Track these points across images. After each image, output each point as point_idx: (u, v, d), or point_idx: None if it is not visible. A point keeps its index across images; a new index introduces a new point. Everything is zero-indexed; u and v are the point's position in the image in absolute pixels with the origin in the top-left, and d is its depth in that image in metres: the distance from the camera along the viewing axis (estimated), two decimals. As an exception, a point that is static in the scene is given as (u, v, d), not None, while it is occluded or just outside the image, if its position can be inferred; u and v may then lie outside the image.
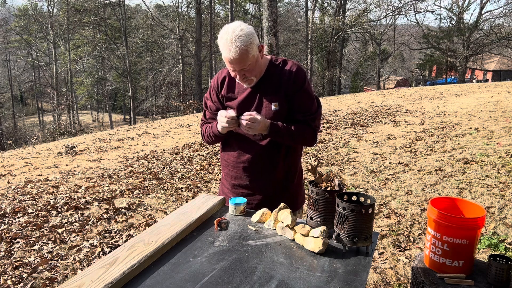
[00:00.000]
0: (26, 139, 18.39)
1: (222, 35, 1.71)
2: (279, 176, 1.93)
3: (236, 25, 1.71)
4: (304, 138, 1.89)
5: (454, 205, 1.65)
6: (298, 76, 1.84)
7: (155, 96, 32.30)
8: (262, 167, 1.92)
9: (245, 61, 1.71)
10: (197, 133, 9.30)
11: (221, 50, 1.73)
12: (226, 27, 1.73)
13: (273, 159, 1.91)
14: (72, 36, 31.96)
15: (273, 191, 1.94)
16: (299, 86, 1.84)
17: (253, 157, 1.91)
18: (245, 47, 1.68)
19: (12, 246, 3.48)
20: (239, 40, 1.67)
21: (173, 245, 1.52)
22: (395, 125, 8.40)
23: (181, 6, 31.26)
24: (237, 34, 1.67)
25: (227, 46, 1.68)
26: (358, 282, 1.28)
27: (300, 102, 1.86)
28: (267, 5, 10.35)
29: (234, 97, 1.91)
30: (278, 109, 1.84)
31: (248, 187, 1.96)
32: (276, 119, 1.84)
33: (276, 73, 1.86)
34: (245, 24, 1.73)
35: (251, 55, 1.72)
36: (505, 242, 3.15)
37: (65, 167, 6.57)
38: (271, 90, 1.85)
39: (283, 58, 1.90)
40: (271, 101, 1.84)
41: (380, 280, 2.76)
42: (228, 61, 1.73)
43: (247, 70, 1.76)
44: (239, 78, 1.80)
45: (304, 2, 32.32)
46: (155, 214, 4.21)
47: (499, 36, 30.22)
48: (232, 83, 1.92)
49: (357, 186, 4.75)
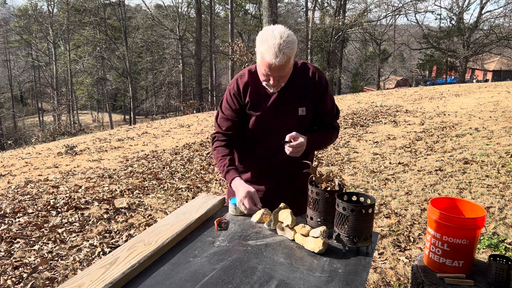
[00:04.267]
0: (26, 139, 18.39)
1: (267, 39, 1.61)
2: (296, 185, 1.93)
3: (282, 30, 1.63)
4: (331, 139, 1.93)
5: (454, 205, 1.65)
6: (321, 80, 1.84)
7: (155, 96, 32.28)
8: (278, 179, 1.92)
9: (286, 68, 1.66)
10: (197, 133, 9.30)
11: (262, 53, 1.63)
12: (271, 30, 1.63)
13: (290, 171, 1.90)
14: (72, 36, 31.96)
15: (288, 199, 1.86)
16: (324, 91, 1.84)
17: (271, 170, 1.90)
18: (291, 54, 1.62)
19: (12, 246, 3.48)
20: (287, 47, 1.60)
21: (173, 245, 1.52)
22: (395, 125, 8.40)
23: (181, 6, 31.26)
24: (285, 40, 1.60)
25: (273, 51, 1.59)
26: (358, 282, 1.28)
27: (326, 106, 1.87)
28: (267, 5, 10.35)
29: (259, 104, 1.84)
30: (305, 114, 1.83)
31: (265, 195, 1.92)
32: (303, 123, 1.84)
33: (299, 77, 1.82)
34: (288, 30, 1.66)
35: (291, 62, 1.69)
36: (505, 242, 3.15)
37: (65, 167, 6.57)
38: (296, 95, 1.82)
39: (302, 61, 1.86)
40: (298, 106, 1.82)
41: (380, 280, 2.76)
42: (267, 66, 1.64)
43: (282, 76, 1.70)
44: (272, 84, 1.72)
45: (304, 2, 32.31)
46: (155, 214, 4.21)
47: (499, 36, 30.20)
48: (256, 90, 1.84)
49: (357, 186, 4.75)
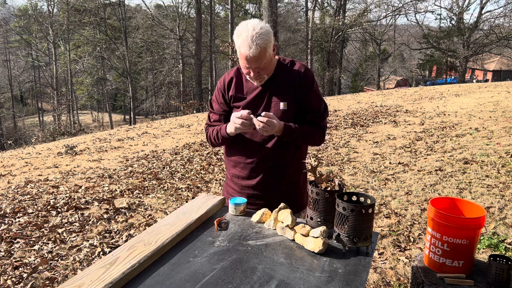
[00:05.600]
0: (26, 139, 18.39)
1: (241, 32, 1.70)
2: (287, 177, 1.94)
3: (255, 23, 1.71)
4: (314, 138, 1.91)
5: (454, 205, 1.65)
6: (307, 77, 1.86)
7: (155, 96, 32.29)
8: (271, 168, 1.92)
9: (263, 59, 1.72)
10: (197, 133, 9.30)
11: (238, 47, 1.71)
12: (245, 24, 1.72)
13: (281, 159, 1.91)
14: (72, 36, 31.97)
15: (281, 191, 1.94)
16: (309, 87, 1.86)
17: (261, 158, 1.91)
18: (265, 45, 1.69)
19: (12, 246, 3.48)
20: (259, 38, 1.67)
21: (173, 245, 1.52)
22: (395, 125, 8.40)
23: (181, 6, 31.29)
24: (258, 32, 1.67)
25: (247, 43, 1.67)
26: (358, 282, 1.28)
27: (310, 103, 1.88)
28: (267, 5, 10.35)
29: (243, 97, 1.90)
30: (286, 108, 1.85)
31: (256, 187, 1.95)
32: (284, 118, 1.84)
33: (284, 73, 1.86)
34: (263, 22, 1.73)
35: (268, 53, 1.73)
36: (505, 242, 3.15)
37: (65, 167, 6.57)
38: (280, 90, 1.86)
39: (291, 59, 1.91)
40: (280, 100, 1.85)
41: (380, 280, 2.76)
42: (245, 58, 1.71)
43: (262, 68, 1.77)
44: (253, 76, 1.79)
45: (304, 2, 32.32)
46: (155, 214, 4.21)
47: (499, 36, 30.21)
48: (240, 83, 1.91)
49: (357, 186, 4.75)
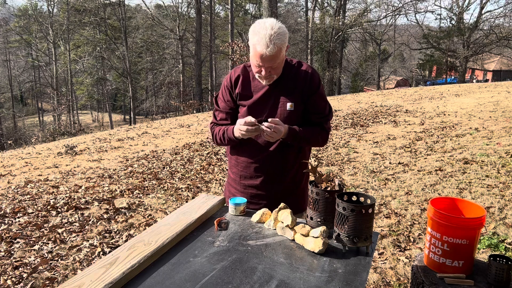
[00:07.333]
0: (26, 139, 18.37)
1: (259, 30, 1.70)
2: (290, 176, 1.94)
3: (273, 22, 1.71)
4: (317, 140, 1.92)
5: (454, 205, 1.65)
6: (314, 79, 1.87)
7: (155, 96, 32.29)
8: (274, 167, 1.92)
9: (277, 59, 1.73)
10: (197, 133, 9.29)
11: (253, 44, 1.71)
12: (263, 23, 1.72)
13: (285, 159, 1.91)
14: (72, 36, 31.94)
15: (283, 191, 1.94)
16: (315, 89, 1.87)
17: (265, 157, 1.90)
18: (281, 45, 1.70)
19: (12, 246, 3.48)
20: (277, 38, 1.67)
21: (173, 245, 1.52)
22: (395, 125, 8.40)
23: (181, 6, 31.29)
24: (276, 32, 1.68)
25: (265, 41, 1.67)
26: (358, 282, 1.28)
27: (315, 104, 1.89)
28: (267, 5, 10.36)
29: (249, 95, 1.90)
30: (293, 109, 1.85)
31: (260, 187, 1.95)
32: (291, 118, 1.85)
33: (292, 73, 1.87)
34: (280, 23, 1.74)
35: (282, 53, 1.74)
36: (505, 242, 3.15)
37: (65, 167, 6.57)
38: (287, 90, 1.86)
39: (298, 60, 1.92)
40: (288, 101, 1.85)
41: (380, 280, 2.76)
42: (259, 56, 1.71)
43: (274, 68, 1.76)
44: (264, 75, 1.78)
45: (304, 2, 32.33)
46: (155, 214, 4.21)
47: (499, 36, 30.21)
48: (247, 82, 1.91)
49: (357, 186, 4.75)
